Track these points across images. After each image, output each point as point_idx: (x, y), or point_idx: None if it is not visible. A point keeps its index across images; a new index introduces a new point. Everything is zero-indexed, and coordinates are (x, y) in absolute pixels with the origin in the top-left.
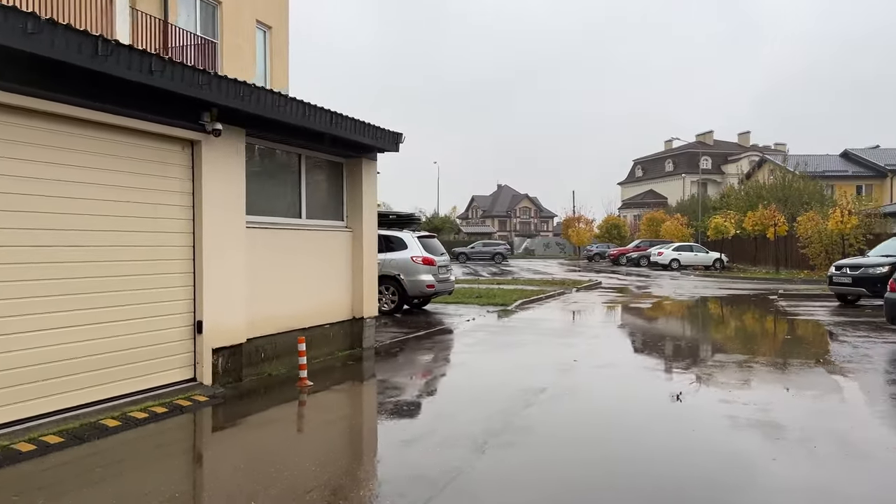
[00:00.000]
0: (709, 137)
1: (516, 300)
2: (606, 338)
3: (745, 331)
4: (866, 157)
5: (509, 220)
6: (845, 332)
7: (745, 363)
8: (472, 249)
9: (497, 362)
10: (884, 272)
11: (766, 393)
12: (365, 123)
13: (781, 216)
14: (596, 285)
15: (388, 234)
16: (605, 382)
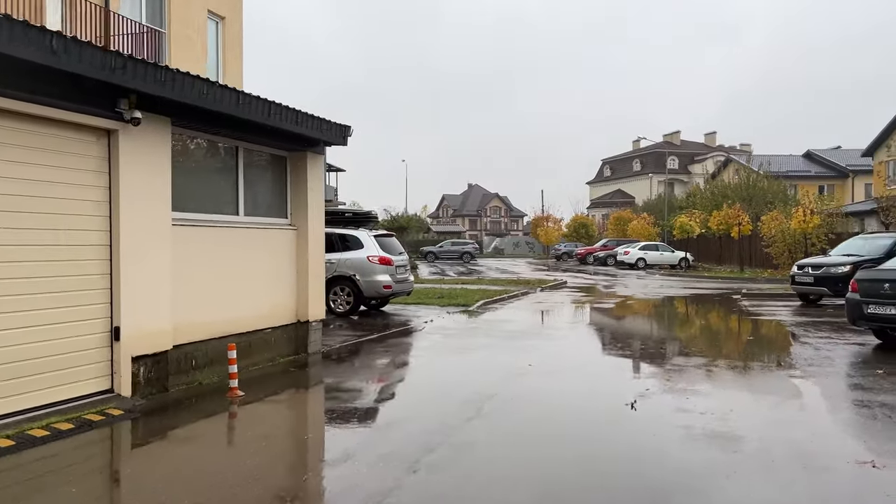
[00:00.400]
0: (676, 137)
1: (479, 300)
2: (565, 340)
3: (707, 332)
4: (828, 157)
5: (480, 219)
6: (807, 332)
7: (705, 366)
8: (441, 248)
9: (450, 367)
10: (845, 272)
11: (724, 399)
12: (307, 114)
13: (745, 215)
14: (561, 285)
15: (344, 232)
16: (556, 390)
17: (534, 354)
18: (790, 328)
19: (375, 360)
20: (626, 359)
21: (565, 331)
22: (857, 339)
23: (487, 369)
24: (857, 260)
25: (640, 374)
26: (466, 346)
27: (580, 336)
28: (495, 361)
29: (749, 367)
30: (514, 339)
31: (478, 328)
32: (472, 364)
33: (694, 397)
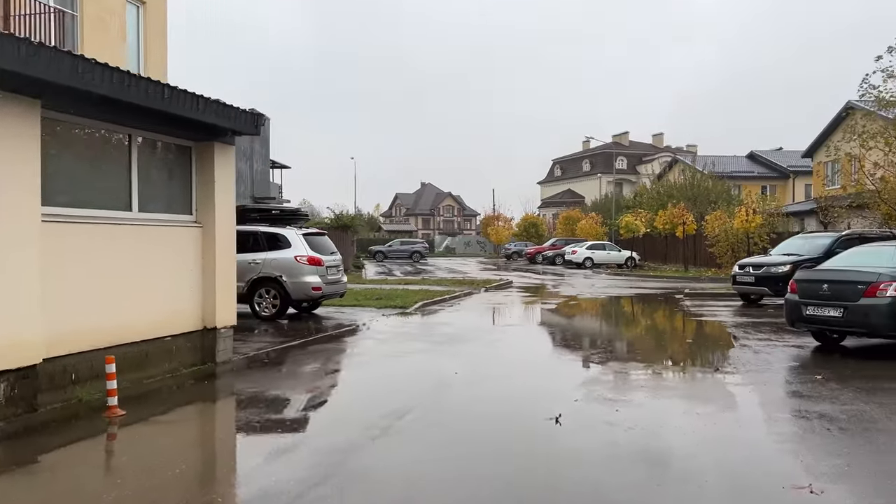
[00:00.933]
0: (624, 138)
1: (418, 302)
2: (499, 345)
3: (647, 335)
4: (771, 158)
5: (433, 218)
6: (747, 334)
7: (641, 373)
8: (390, 248)
9: (371, 378)
10: (785, 271)
11: (657, 411)
12: (211, 100)
13: (690, 215)
14: (507, 285)
15: (270, 230)
16: (479, 402)
17: (464, 361)
18: (730, 329)
19: (291, 371)
20: (560, 365)
21: (501, 334)
22: (796, 342)
23: (411, 379)
24: (796, 259)
25: (571, 381)
26: (395, 352)
27: (515, 340)
28: (422, 370)
29: (686, 372)
30: (447, 343)
31: (411, 332)
32: (396, 373)
33: (625, 409)
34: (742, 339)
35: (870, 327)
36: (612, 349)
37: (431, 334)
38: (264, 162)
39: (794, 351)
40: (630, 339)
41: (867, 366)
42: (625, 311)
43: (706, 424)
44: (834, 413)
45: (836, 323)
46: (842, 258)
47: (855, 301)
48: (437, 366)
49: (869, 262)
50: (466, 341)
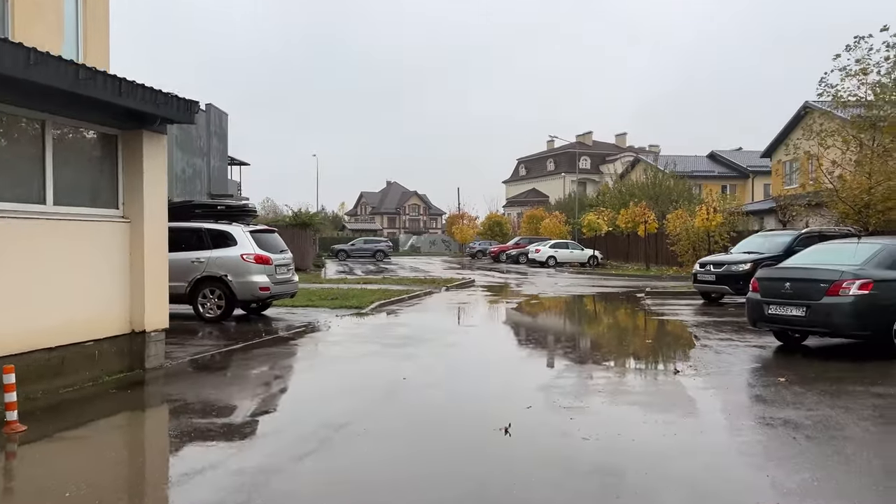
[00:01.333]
0: (588, 138)
1: (375, 302)
2: (454, 347)
3: (607, 335)
4: (731, 158)
5: (398, 217)
6: (708, 334)
7: (599, 376)
8: (353, 246)
9: (314, 384)
10: (746, 269)
11: (614, 419)
12: (134, 84)
13: (651, 213)
14: (468, 284)
15: (214, 227)
16: (426, 410)
17: (416, 365)
18: (691, 329)
19: (227, 378)
20: (516, 368)
21: (456, 335)
22: (757, 341)
23: (357, 386)
24: (757, 258)
25: (526, 386)
26: (344, 356)
27: (472, 342)
28: (371, 375)
29: (646, 375)
30: (400, 346)
31: (364, 334)
32: (342, 380)
33: (580, 416)
34: (703, 339)
35: (832, 327)
36: (571, 351)
37: (385, 336)
38: (222, 158)
39: (756, 351)
40: (590, 340)
41: (830, 367)
42: (586, 311)
43: (666, 434)
44: (799, 419)
45: (798, 322)
46: (804, 256)
47: (818, 300)
48: (387, 370)
49: (831, 259)
50: (421, 343)
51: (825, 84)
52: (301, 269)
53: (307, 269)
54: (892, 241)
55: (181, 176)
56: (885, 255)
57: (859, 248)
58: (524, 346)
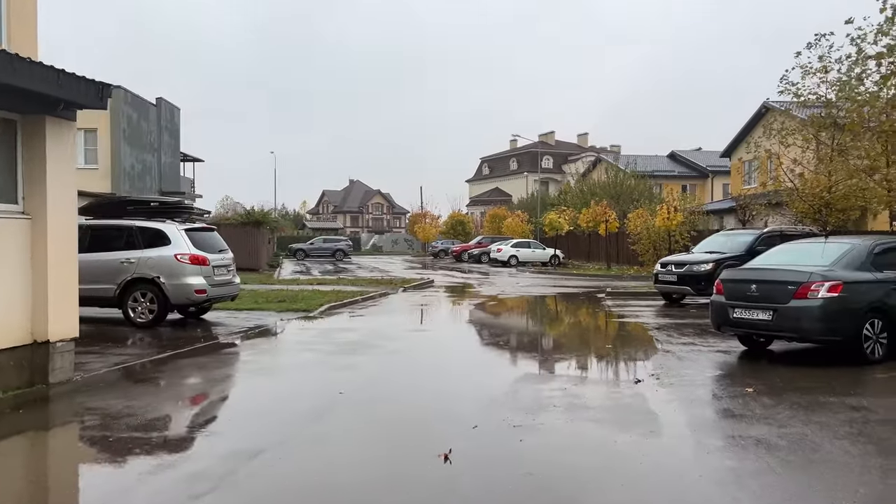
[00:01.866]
0: (550, 138)
1: (325, 304)
2: (401, 354)
3: (565, 340)
4: (690, 158)
5: (361, 215)
6: (670, 337)
7: (554, 387)
8: (312, 246)
9: (235, 401)
10: (708, 270)
11: (569, 440)
12: (29, 62)
13: (612, 213)
14: (427, 284)
15: (146, 225)
16: (357, 432)
17: (356, 376)
18: (652, 332)
19: (138, 394)
20: (465, 379)
21: (406, 341)
22: (721, 346)
23: (285, 404)
24: (719, 257)
25: (477, 399)
26: (278, 365)
27: (421, 349)
28: (303, 389)
29: (606, 386)
30: (342, 353)
31: (307, 340)
32: (269, 395)
33: (531, 437)
34: (665, 344)
35: (801, 332)
36: (527, 357)
37: (329, 342)
38: (174, 154)
39: (721, 357)
40: (547, 346)
41: (799, 375)
42: (545, 313)
43: (626, 459)
44: (772, 438)
45: (765, 327)
46: (770, 256)
47: (785, 303)
48: (323, 383)
49: (798, 260)
50: (366, 351)
51: (786, 81)
52: (254, 270)
53: (260, 270)
54: (861, 241)
55: (130, 172)
56: (855, 255)
57: (827, 247)
58: (478, 353)
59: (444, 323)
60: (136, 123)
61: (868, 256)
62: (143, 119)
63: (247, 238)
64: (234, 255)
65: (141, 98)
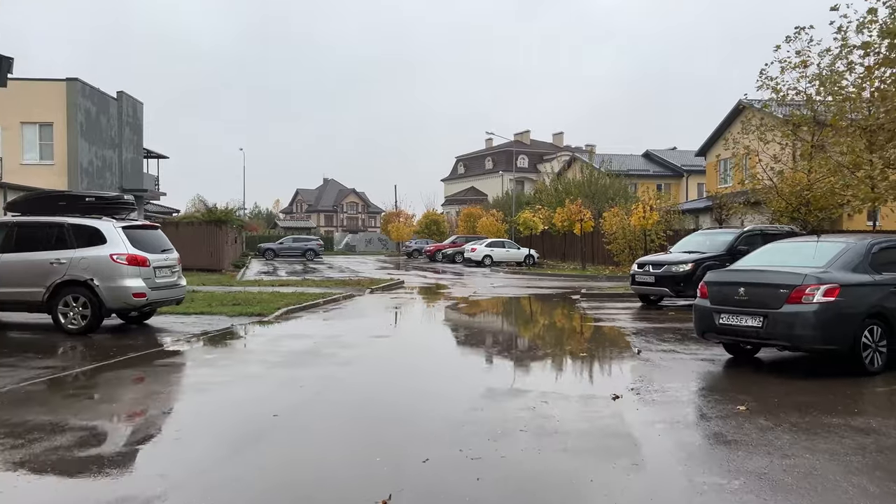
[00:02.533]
0: (526, 137)
1: (282, 308)
2: (354, 366)
3: (536, 348)
4: (665, 157)
5: (336, 214)
6: (649, 344)
7: (522, 408)
8: (281, 245)
9: (147, 427)
10: (687, 270)
11: (532, 483)
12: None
13: (587, 212)
14: (396, 285)
15: (80, 223)
16: (284, 472)
17: (296, 395)
18: (630, 338)
19: (34, 420)
20: (424, 395)
21: (364, 349)
22: (705, 353)
23: (203, 432)
24: (699, 257)
25: (430, 425)
26: (213, 382)
27: (377, 359)
28: (231, 412)
29: (579, 404)
30: (289, 365)
31: (254, 350)
32: (190, 419)
33: (491, 474)
34: (644, 351)
35: (794, 340)
36: (492, 370)
37: (278, 352)
38: (136, 150)
39: (705, 367)
40: (516, 356)
41: (793, 389)
42: (516, 317)
43: (607, 496)
44: (775, 473)
45: (754, 335)
46: (759, 257)
47: (777, 308)
48: (257, 404)
49: (790, 261)
50: (317, 361)
51: (765, 76)
52: (216, 271)
53: (223, 270)
54: (857, 240)
55: (88, 168)
56: (851, 255)
57: (820, 247)
58: (441, 363)
59: (408, 328)
60: (94, 118)
61: (866, 256)
62: (102, 113)
63: (209, 237)
64: (194, 255)
65: (100, 91)
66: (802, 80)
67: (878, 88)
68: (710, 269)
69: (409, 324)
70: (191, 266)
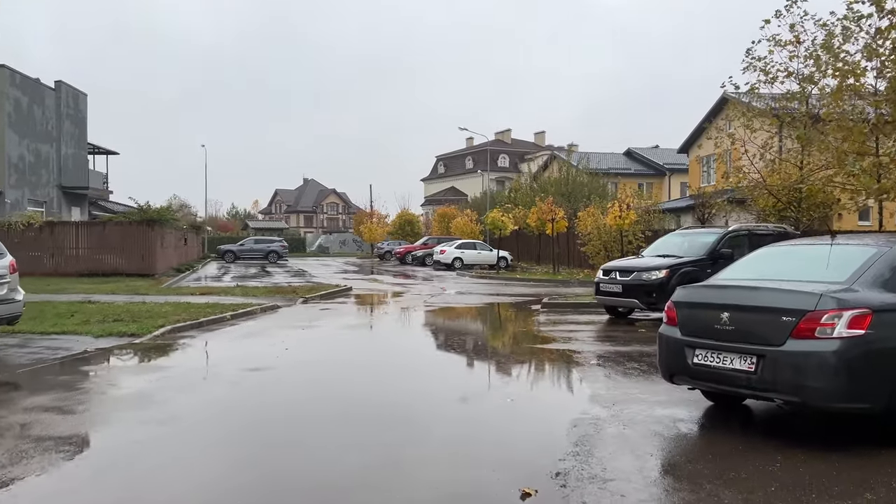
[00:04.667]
0: (507, 136)
1: (169, 325)
2: (175, 429)
3: (458, 387)
4: (647, 156)
5: (315, 215)
6: (608, 380)
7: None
8: (242, 247)
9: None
10: (660, 278)
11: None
12: None
13: (560, 210)
14: (340, 293)
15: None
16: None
17: (81, 479)
18: (582, 370)
19: None
20: (261, 482)
21: (226, 391)
22: (675, 396)
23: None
24: (674, 262)
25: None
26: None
27: (234, 408)
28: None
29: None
30: (105, 414)
31: (86, 388)
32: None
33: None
34: (599, 397)
35: (804, 393)
36: (371, 437)
37: (106, 393)
38: (79, 145)
39: (674, 424)
40: (431, 400)
41: (813, 474)
42: (450, 339)
43: None
44: None
45: (745, 383)
46: (748, 266)
47: (777, 344)
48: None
49: (794, 272)
50: (148, 409)
51: (752, 56)
52: (147, 276)
53: (155, 275)
54: (888, 242)
55: (18, 164)
56: (885, 264)
57: (837, 252)
58: (317, 421)
59: (304, 356)
60: (26, 109)
61: None
62: (36, 104)
63: (141, 239)
64: (124, 258)
65: (34, 80)
66: (795, 60)
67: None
68: (687, 277)
69: (312, 348)
70: (117, 271)
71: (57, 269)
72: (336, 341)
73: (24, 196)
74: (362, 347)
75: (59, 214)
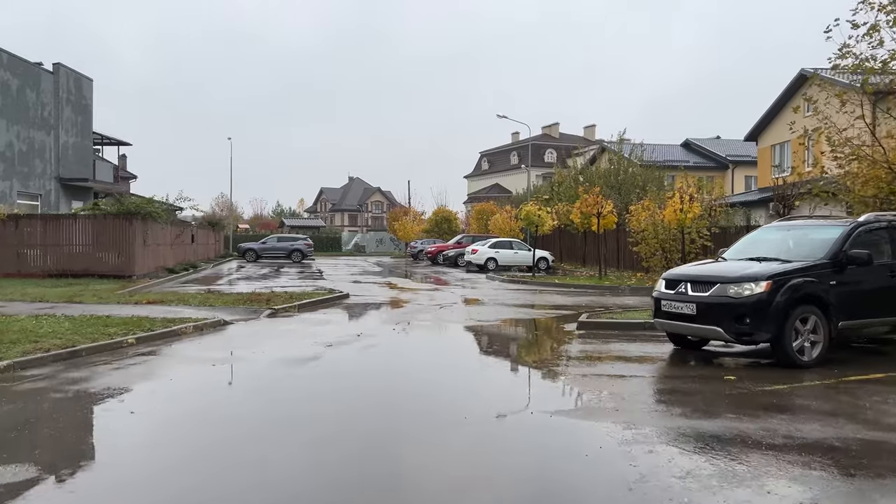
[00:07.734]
0: (555, 130)
1: (18, 356)
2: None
3: (412, 481)
4: (708, 147)
5: (360, 214)
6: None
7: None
8: (263, 245)
9: None
10: (758, 294)
11: None
12: None
13: (609, 204)
14: (329, 302)
15: None
16: None
17: None
18: (630, 467)
19: None
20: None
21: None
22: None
23: None
24: (779, 269)
25: None
26: None
27: None
28: None
29: None
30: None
31: None
32: None
33: None
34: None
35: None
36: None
37: None
38: (82, 134)
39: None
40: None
41: None
42: (434, 380)
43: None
44: None
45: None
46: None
47: None
48: None
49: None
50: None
51: (845, 49)
52: (122, 277)
53: (132, 276)
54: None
55: (4, 152)
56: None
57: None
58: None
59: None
60: (16, 92)
61: None
62: (29, 87)
63: (118, 235)
64: (96, 257)
65: (28, 62)
66: None
67: None
68: (801, 291)
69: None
70: (88, 271)
71: (20, 270)
72: (274, 381)
73: (13, 188)
74: (290, 398)
75: (57, 209)
